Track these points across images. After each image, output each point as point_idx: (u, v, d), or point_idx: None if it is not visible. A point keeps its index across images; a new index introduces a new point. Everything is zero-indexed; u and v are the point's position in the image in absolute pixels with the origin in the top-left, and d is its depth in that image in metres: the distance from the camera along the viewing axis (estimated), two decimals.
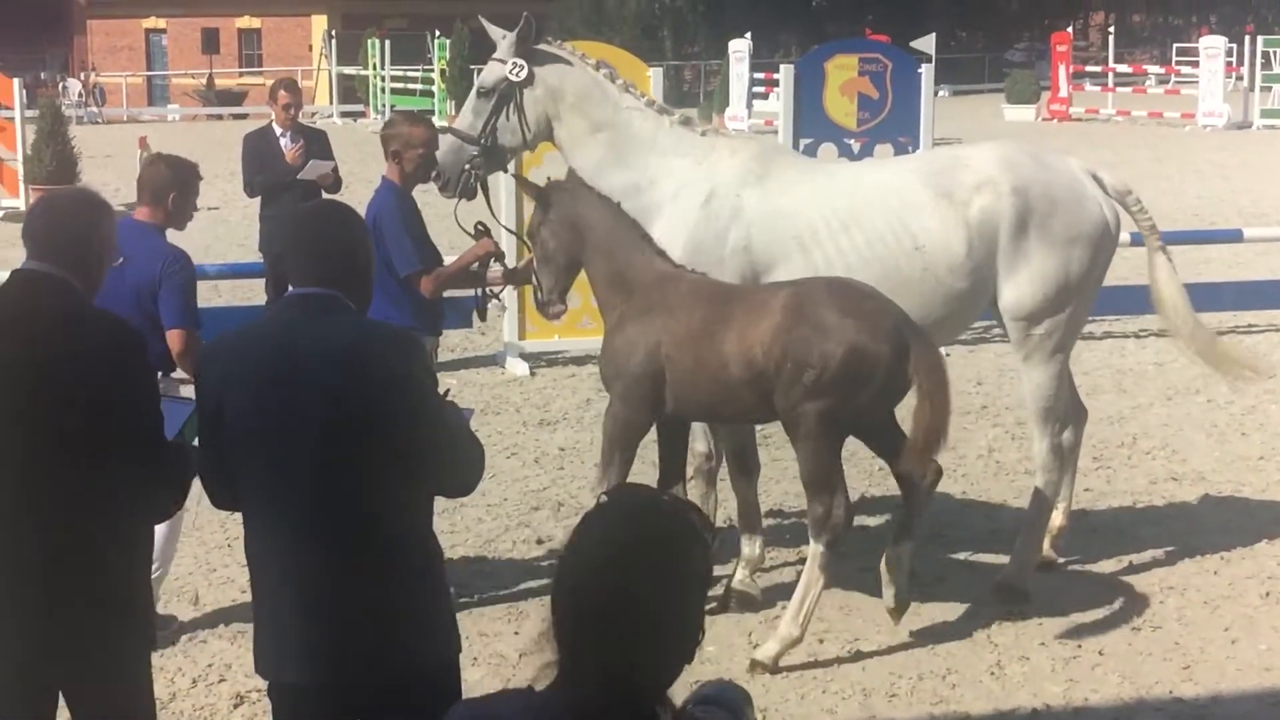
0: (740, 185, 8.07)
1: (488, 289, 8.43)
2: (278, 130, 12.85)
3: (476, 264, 8.11)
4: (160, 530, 7.96)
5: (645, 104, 8.30)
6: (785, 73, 13.90)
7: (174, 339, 7.32)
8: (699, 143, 8.24)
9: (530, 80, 8.15)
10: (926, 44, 14.84)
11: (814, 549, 7.25)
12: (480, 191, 8.33)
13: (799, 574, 7.58)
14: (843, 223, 8.03)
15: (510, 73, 8.13)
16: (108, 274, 5.05)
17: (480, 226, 8.21)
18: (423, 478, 4.41)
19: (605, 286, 7.61)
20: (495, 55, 8.29)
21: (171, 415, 4.92)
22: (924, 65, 13.96)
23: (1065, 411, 8.44)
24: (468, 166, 8.20)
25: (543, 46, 8.27)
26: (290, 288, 4.57)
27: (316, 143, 12.91)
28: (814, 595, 7.28)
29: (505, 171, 9.20)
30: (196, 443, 4.83)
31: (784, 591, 7.98)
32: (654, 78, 13.56)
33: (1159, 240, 8.75)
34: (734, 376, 7.19)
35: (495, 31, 8.51)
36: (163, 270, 7.30)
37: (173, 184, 7.49)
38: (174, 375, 7.23)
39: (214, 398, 4.45)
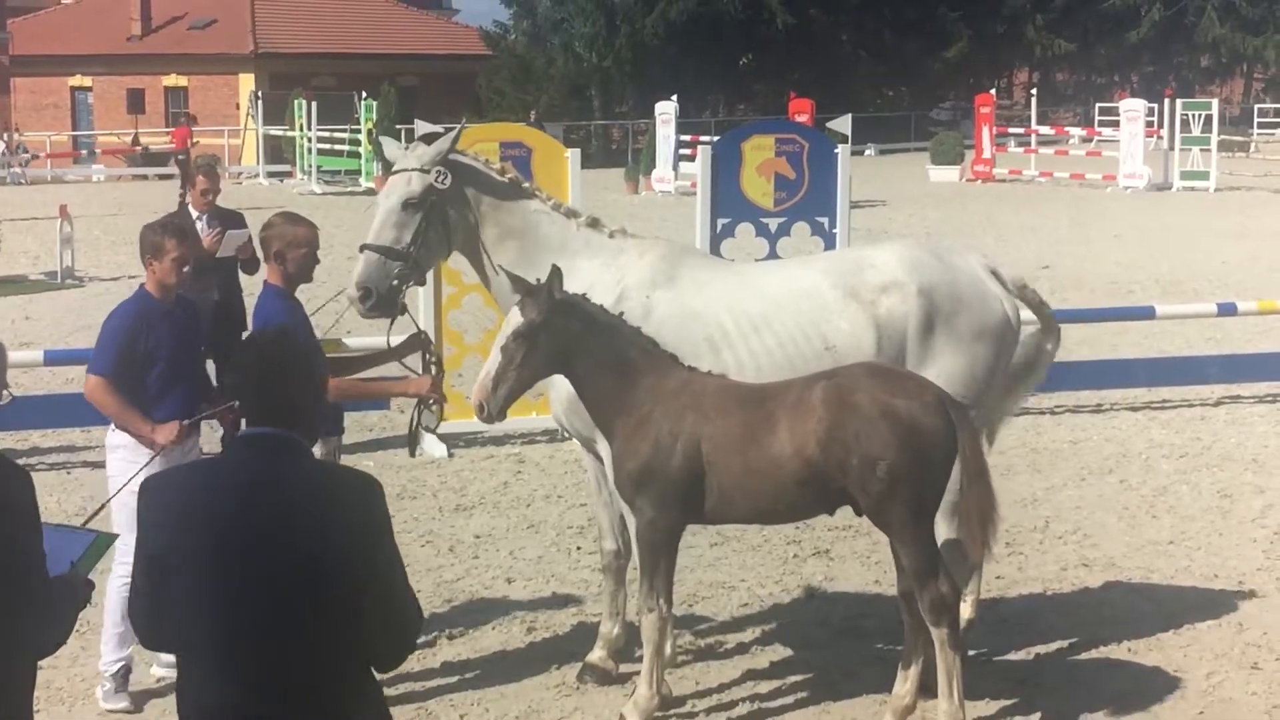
0: (650, 286, 8.12)
1: (421, 424, 8.34)
2: (194, 213, 12.81)
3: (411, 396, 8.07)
4: (113, 612, 8.06)
5: (553, 207, 8.33)
6: (702, 153, 13.98)
7: (85, 382, 8.05)
8: (607, 244, 8.30)
9: (452, 189, 8.09)
10: (843, 124, 15.00)
11: (937, 635, 7.23)
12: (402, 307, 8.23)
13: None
14: (754, 324, 8.11)
15: (436, 182, 8.02)
16: None
17: (431, 357, 8.17)
18: (365, 631, 4.35)
19: (620, 397, 7.37)
20: (411, 166, 8.09)
21: (64, 547, 4.87)
22: (840, 146, 14.07)
23: None
24: (395, 282, 8.03)
25: (454, 154, 8.23)
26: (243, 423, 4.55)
27: (233, 224, 12.88)
28: (958, 673, 7.26)
29: (422, 284, 9.17)
30: (105, 573, 4.81)
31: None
32: (571, 159, 13.65)
33: (1056, 333, 8.91)
34: (788, 478, 7.15)
35: (391, 145, 8.56)
36: None
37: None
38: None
39: (162, 537, 4.38)
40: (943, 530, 8.15)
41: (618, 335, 7.46)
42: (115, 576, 7.90)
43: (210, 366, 12.98)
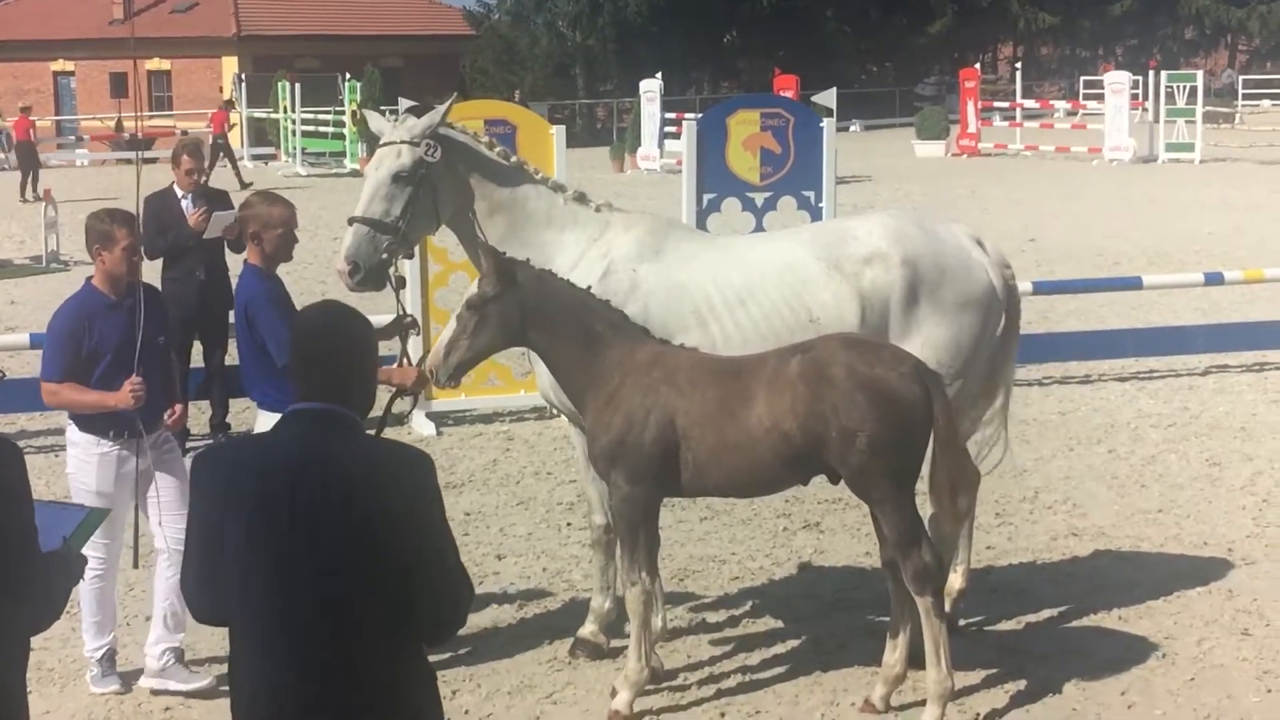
0: (636, 260, 8.12)
1: (393, 411, 8.27)
2: (179, 193, 12.79)
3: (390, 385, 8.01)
4: (87, 602, 7.99)
5: (540, 181, 8.31)
6: (688, 128, 13.96)
7: (41, 390, 7.84)
8: (594, 219, 8.29)
9: (442, 163, 8.03)
10: (828, 98, 14.94)
11: (921, 604, 7.23)
12: (391, 282, 8.13)
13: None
14: (739, 297, 8.11)
15: (427, 155, 7.96)
16: None
17: (414, 331, 8.14)
18: (415, 606, 4.33)
19: (590, 370, 7.35)
20: (401, 138, 8.02)
21: (56, 522, 4.86)
22: (825, 119, 14.06)
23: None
24: (385, 255, 7.99)
25: (443, 128, 8.18)
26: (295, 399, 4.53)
27: (219, 204, 12.85)
28: (945, 642, 7.26)
29: (410, 258, 9.09)
30: (87, 549, 4.79)
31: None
32: (556, 135, 13.61)
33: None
34: (765, 452, 7.13)
35: (376, 118, 8.51)
36: None
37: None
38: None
39: (215, 511, 4.38)
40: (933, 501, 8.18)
41: (582, 309, 7.41)
42: (87, 568, 7.89)
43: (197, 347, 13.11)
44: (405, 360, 8.33)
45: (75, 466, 7.93)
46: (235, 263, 12.93)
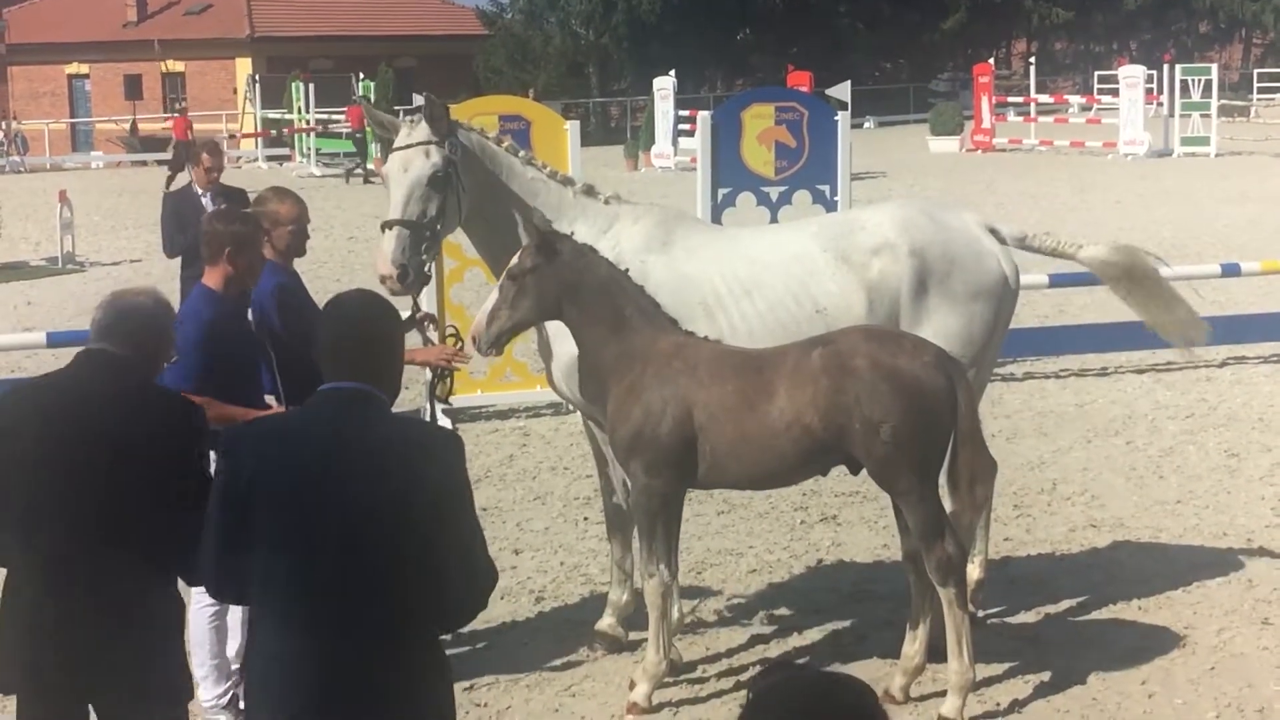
0: (645, 251, 8.13)
1: (435, 395, 8.28)
2: (199, 191, 12.81)
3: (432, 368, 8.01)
4: (206, 641, 7.40)
5: (548, 175, 8.32)
6: (702, 122, 13.92)
7: None
8: (603, 211, 8.30)
9: (462, 160, 8.04)
10: (842, 91, 14.91)
11: (944, 594, 7.24)
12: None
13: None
14: (745, 288, 8.12)
15: (452, 153, 7.97)
16: None
17: (451, 328, 8.19)
18: (438, 587, 4.34)
19: (613, 354, 7.35)
20: (415, 140, 8.00)
21: None
22: (840, 112, 14.02)
23: None
24: (424, 257, 7.99)
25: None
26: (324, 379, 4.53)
27: (238, 202, 12.85)
28: (968, 634, 7.26)
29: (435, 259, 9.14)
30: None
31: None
32: (571, 130, 13.59)
33: (1078, 247, 9.04)
34: (786, 445, 7.12)
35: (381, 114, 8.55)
36: None
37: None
38: None
39: (243, 486, 4.39)
40: (949, 492, 8.16)
41: (617, 291, 7.41)
42: (199, 606, 7.24)
43: None
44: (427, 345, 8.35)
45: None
46: None
